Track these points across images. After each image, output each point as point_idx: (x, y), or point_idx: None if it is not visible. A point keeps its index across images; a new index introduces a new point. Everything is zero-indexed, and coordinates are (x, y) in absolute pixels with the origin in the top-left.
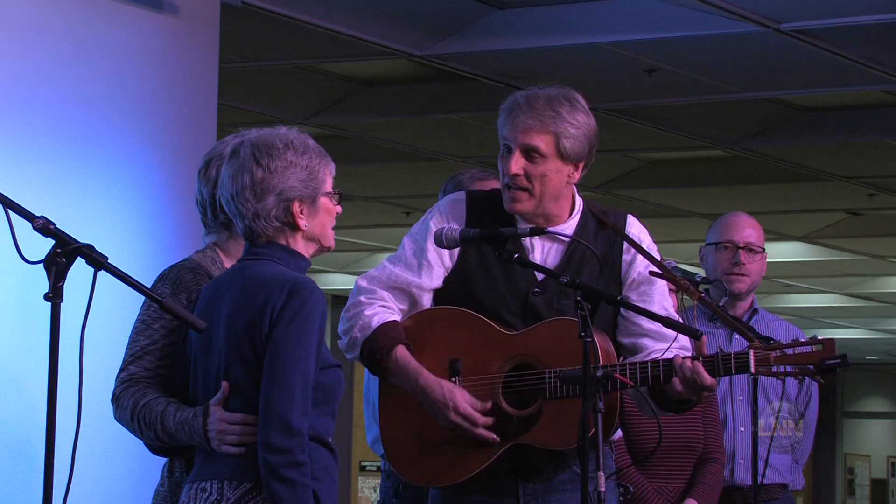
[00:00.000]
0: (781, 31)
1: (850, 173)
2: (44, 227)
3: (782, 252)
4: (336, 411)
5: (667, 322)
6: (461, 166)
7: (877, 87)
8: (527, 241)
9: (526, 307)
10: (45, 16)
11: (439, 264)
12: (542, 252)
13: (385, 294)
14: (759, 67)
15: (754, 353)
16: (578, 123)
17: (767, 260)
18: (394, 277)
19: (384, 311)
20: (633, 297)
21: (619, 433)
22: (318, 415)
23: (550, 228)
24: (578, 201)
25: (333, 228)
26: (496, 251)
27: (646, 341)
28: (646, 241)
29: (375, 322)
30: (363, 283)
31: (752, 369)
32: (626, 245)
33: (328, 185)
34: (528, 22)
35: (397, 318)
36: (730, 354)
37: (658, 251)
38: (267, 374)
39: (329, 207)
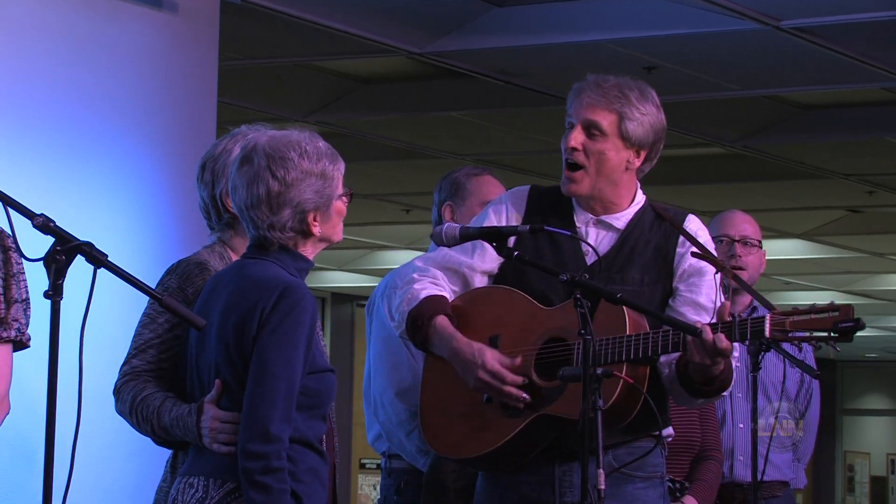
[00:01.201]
0: (781, 29)
1: (849, 171)
2: (43, 224)
3: (782, 249)
4: (327, 415)
5: (666, 320)
6: (460, 164)
7: (876, 85)
8: (582, 227)
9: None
10: (44, 14)
11: (493, 248)
12: (596, 240)
13: (438, 273)
14: (758, 65)
15: (770, 317)
16: (646, 111)
17: (767, 257)
18: (447, 258)
19: (433, 286)
20: (682, 289)
21: (669, 429)
22: (306, 418)
23: (550, 229)
24: (641, 196)
25: None
26: (497, 249)
27: None
28: (702, 237)
29: (423, 295)
30: (418, 263)
31: (768, 333)
32: (681, 239)
33: (340, 188)
34: (527, 19)
35: (446, 294)
36: (746, 320)
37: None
38: (252, 377)
39: (340, 209)
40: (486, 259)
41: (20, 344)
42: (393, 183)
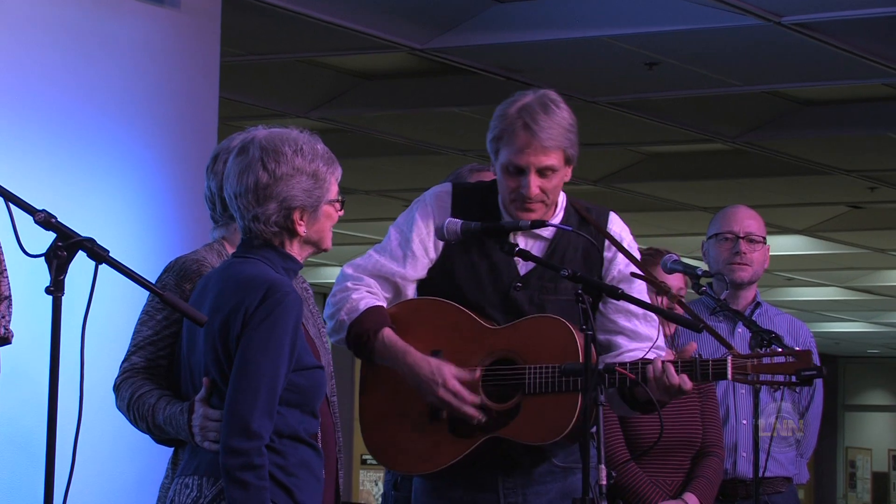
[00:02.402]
0: (782, 25)
1: (850, 167)
2: (45, 220)
3: (783, 245)
4: (317, 411)
5: (667, 315)
6: (462, 159)
7: (878, 81)
8: (510, 236)
9: (507, 301)
10: (46, 10)
11: (423, 255)
12: (527, 247)
13: (371, 281)
14: (759, 61)
15: (731, 360)
16: (570, 125)
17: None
18: (378, 266)
19: (370, 296)
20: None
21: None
22: (296, 413)
23: (552, 224)
24: (561, 196)
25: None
26: (498, 244)
27: (620, 339)
28: (626, 239)
29: (363, 306)
30: (349, 271)
31: (730, 377)
32: (607, 243)
33: (332, 193)
34: (528, 15)
35: (383, 304)
36: (708, 361)
37: (639, 250)
38: (234, 375)
39: (330, 214)
40: (418, 267)
41: (4, 340)
42: (395, 179)
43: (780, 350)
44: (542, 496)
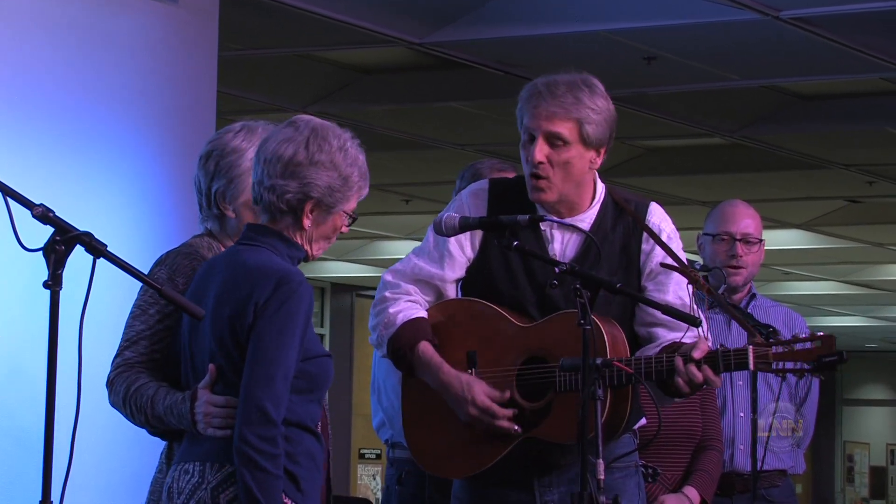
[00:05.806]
0: (780, 19)
1: (849, 161)
2: (43, 214)
3: (781, 240)
4: (322, 399)
5: (664, 309)
6: (460, 154)
7: (876, 75)
8: (546, 230)
9: (544, 300)
10: (44, 5)
11: (461, 254)
12: (562, 242)
13: (410, 287)
14: (758, 55)
15: (753, 349)
16: (599, 108)
17: (767, 248)
18: (417, 270)
19: (409, 306)
20: (651, 287)
21: (643, 420)
22: (302, 402)
23: (552, 219)
24: (600, 188)
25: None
26: (496, 239)
27: (660, 331)
28: (666, 229)
29: (399, 319)
30: (388, 278)
31: (752, 366)
32: (645, 235)
33: (350, 206)
34: (526, 10)
35: (422, 313)
36: (730, 351)
37: (680, 239)
38: (249, 364)
39: (338, 225)
40: (456, 267)
41: None
42: (393, 173)
43: (803, 336)
44: None
